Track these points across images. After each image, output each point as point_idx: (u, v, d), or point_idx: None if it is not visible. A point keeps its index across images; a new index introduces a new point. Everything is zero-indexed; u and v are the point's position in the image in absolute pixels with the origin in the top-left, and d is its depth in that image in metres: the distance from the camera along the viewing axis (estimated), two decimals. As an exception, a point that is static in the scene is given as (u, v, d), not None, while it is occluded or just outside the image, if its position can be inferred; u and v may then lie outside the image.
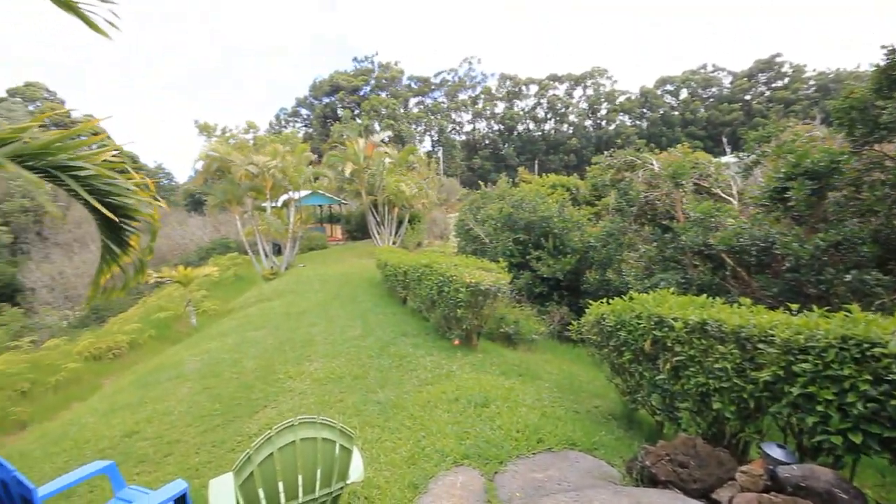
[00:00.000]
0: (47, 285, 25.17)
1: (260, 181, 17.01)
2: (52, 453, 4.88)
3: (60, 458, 4.67)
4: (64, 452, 4.81)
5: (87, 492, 3.78)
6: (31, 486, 2.12)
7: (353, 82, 61.71)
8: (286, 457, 2.23)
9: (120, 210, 2.38)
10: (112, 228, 2.42)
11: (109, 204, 2.31)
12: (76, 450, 4.79)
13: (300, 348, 7.33)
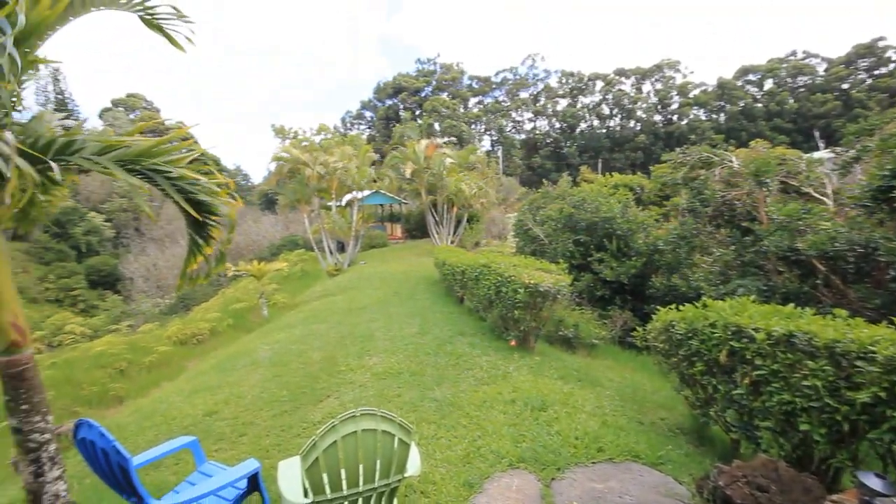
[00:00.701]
0: (143, 275, 28.10)
1: (327, 181, 17.85)
2: (145, 427, 5.42)
3: (151, 432, 5.17)
4: (154, 427, 5.33)
5: (173, 463, 4.17)
6: (127, 455, 2.37)
7: (415, 84, 62.96)
8: (348, 446, 2.32)
9: (203, 207, 2.60)
10: (197, 224, 2.64)
11: (194, 202, 2.53)
12: (164, 425, 5.29)
13: (361, 343, 7.59)
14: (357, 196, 20.04)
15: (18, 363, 1.91)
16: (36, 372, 1.98)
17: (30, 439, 1.97)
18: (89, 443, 2.46)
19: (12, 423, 1.98)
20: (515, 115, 66.46)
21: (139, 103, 46.59)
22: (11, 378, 1.91)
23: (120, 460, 2.32)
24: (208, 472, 3.11)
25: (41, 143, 1.95)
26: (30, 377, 1.94)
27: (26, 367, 1.93)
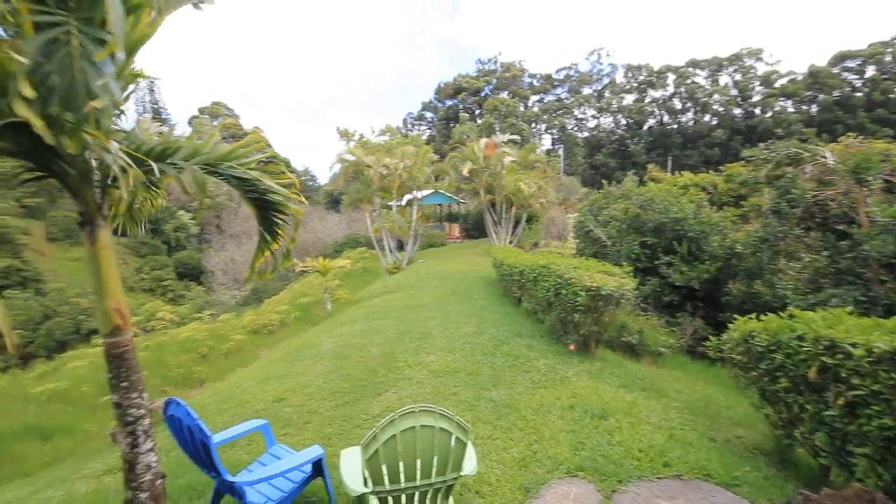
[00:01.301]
0: (222, 269, 30.50)
1: (388, 182, 18.36)
2: (222, 408, 5.88)
3: (228, 413, 5.60)
4: (230, 409, 5.76)
5: (245, 443, 4.49)
6: (209, 433, 2.58)
7: (475, 84, 63.00)
8: (407, 440, 2.37)
9: (272, 206, 2.77)
10: (266, 221, 2.83)
11: (264, 201, 2.70)
12: (239, 408, 5.71)
13: (418, 340, 7.73)
14: (417, 196, 20.43)
15: (120, 345, 2.15)
16: (134, 353, 2.22)
17: (128, 414, 2.21)
18: (177, 420, 2.71)
19: (114, 398, 2.23)
20: (578, 112, 64.43)
21: (221, 110, 50.74)
22: (114, 358, 2.16)
23: (202, 437, 2.54)
24: (277, 455, 3.31)
25: (143, 148, 2.19)
26: (129, 358, 2.18)
27: (127, 349, 2.17)
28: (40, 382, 8.78)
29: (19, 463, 6.42)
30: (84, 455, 5.83)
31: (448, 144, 35.80)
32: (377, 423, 4.46)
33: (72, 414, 7.66)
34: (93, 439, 6.75)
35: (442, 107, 64.76)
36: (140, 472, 2.24)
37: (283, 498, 2.88)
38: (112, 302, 2.12)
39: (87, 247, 2.09)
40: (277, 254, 2.98)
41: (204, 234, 38.18)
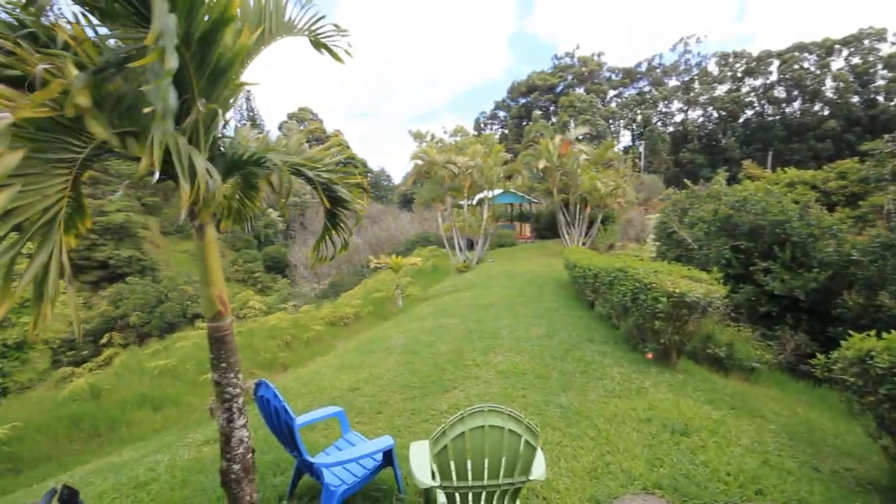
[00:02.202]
0: (304, 263, 32.68)
1: (459, 181, 18.53)
2: (302, 393, 6.30)
3: (307, 398, 6.00)
4: (310, 394, 6.16)
5: (323, 427, 4.77)
6: (293, 415, 2.79)
7: (550, 80, 61.44)
8: (475, 439, 2.38)
9: (338, 201, 2.94)
10: (332, 214, 3.01)
11: (336, 198, 2.88)
12: (317, 394, 6.09)
13: (487, 339, 7.72)
14: (488, 195, 20.39)
15: (221, 329, 2.40)
16: (233, 337, 2.46)
17: (225, 391, 2.46)
18: (265, 400, 2.96)
19: (214, 376, 2.48)
20: (662, 105, 60.34)
21: (307, 115, 54.48)
22: (216, 341, 2.40)
23: (287, 419, 2.75)
24: (352, 441, 3.49)
25: (245, 155, 2.42)
26: (228, 341, 2.42)
27: (226, 333, 2.41)
28: (153, 359, 10.01)
29: (135, 428, 7.39)
30: (187, 425, 6.56)
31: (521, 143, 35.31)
32: (445, 419, 4.53)
33: (178, 388, 8.65)
34: (194, 412, 7.58)
35: (515, 105, 63.95)
36: (234, 445, 2.48)
37: (355, 482, 3.03)
38: (215, 290, 2.37)
39: (196, 241, 2.36)
40: (336, 242, 3.18)
41: (289, 231, 41.22)
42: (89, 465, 5.46)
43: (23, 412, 7.68)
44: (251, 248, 36.72)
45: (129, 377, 9.04)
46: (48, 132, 1.74)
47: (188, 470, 4.03)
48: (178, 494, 3.57)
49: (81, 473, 4.91)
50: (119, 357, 12.68)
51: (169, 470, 4.10)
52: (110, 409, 7.60)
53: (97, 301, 23.14)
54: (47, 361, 15.92)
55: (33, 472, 6.24)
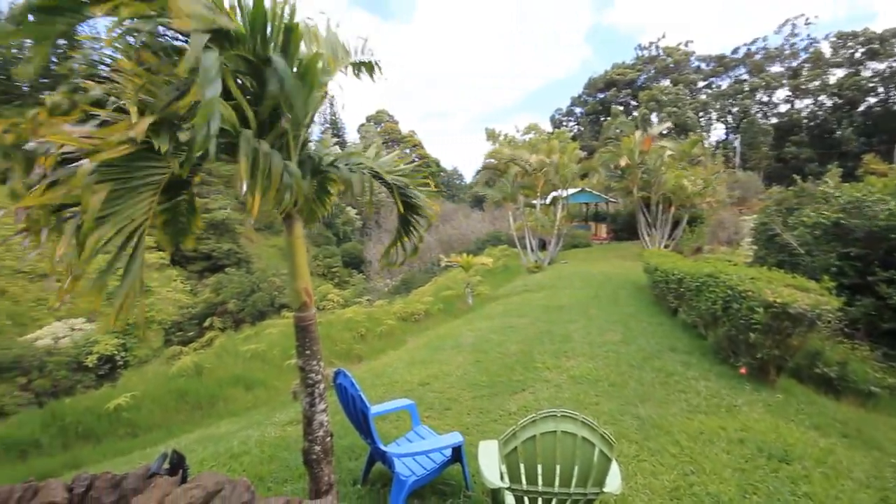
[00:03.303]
0: (378, 260, 34.04)
1: (532, 179, 18.19)
2: (375, 384, 6.57)
3: (380, 390, 6.24)
4: (382, 386, 6.41)
5: (394, 419, 4.94)
6: (368, 405, 2.92)
7: (629, 74, 58.12)
8: (546, 443, 2.33)
9: (412, 207, 3.00)
10: (405, 218, 3.08)
11: (410, 204, 2.95)
12: (389, 386, 6.32)
13: (558, 342, 7.50)
14: (562, 194, 19.79)
15: (306, 319, 2.58)
16: (316, 327, 2.63)
17: (308, 377, 2.64)
18: (343, 388, 3.13)
19: (299, 362, 2.67)
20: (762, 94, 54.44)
21: (384, 117, 56.63)
22: (301, 330, 2.59)
23: (363, 407, 2.88)
24: (421, 434, 3.58)
25: (326, 160, 2.59)
26: (312, 331, 2.60)
27: (311, 323, 2.59)
28: (246, 343, 11.02)
29: (230, 404, 8.18)
30: (274, 406, 7.13)
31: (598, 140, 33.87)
32: (514, 420, 4.48)
33: (266, 371, 9.44)
34: (280, 394, 8.21)
35: (592, 101, 61.35)
36: (315, 428, 2.65)
37: (424, 475, 3.10)
38: (302, 283, 2.55)
39: (286, 237, 2.55)
40: (407, 246, 3.25)
41: (365, 229, 43.18)
42: (192, 434, 6.15)
43: (140, 384, 8.83)
44: (331, 244, 38.96)
45: (226, 358, 10.02)
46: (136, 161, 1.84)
47: (275, 446, 4.38)
48: (266, 468, 3.90)
49: (186, 441, 5.54)
50: (218, 339, 14.13)
51: (258, 445, 4.49)
52: (210, 386, 8.49)
53: (202, 288, 25.93)
54: (160, 340, 18.15)
55: (147, 436, 7.15)
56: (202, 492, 2.23)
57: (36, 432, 6.83)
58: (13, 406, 13.10)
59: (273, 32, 2.06)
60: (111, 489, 2.51)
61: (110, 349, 14.59)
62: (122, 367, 14.74)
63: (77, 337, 15.74)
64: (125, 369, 14.53)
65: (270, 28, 2.04)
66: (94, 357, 14.38)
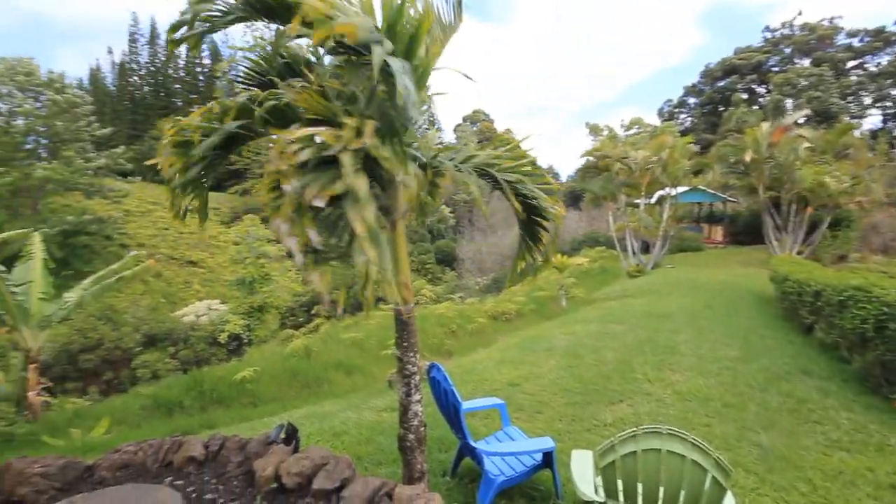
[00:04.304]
0: (470, 258, 34.45)
1: (636, 177, 17.00)
2: (465, 381, 6.65)
3: (469, 387, 6.31)
4: (471, 383, 6.47)
5: (483, 416, 4.96)
6: (460, 400, 2.97)
7: (756, 57, 51.21)
8: (649, 462, 2.16)
9: (534, 210, 2.91)
10: (528, 224, 3.00)
11: (527, 204, 2.87)
12: (478, 383, 6.36)
13: (661, 353, 6.94)
14: (670, 193, 18.18)
15: (405, 313, 2.70)
16: (414, 321, 2.74)
17: (405, 368, 2.76)
18: (436, 381, 3.22)
19: (397, 353, 2.81)
20: (939, 71, 44.42)
21: (480, 116, 57.03)
22: (401, 322, 2.72)
23: (454, 402, 2.94)
24: (511, 435, 3.55)
25: (432, 156, 2.67)
26: (410, 324, 2.71)
27: (410, 316, 2.70)
28: (347, 331, 11.87)
29: (333, 386, 8.88)
30: (370, 392, 7.58)
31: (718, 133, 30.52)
32: (609, 432, 4.25)
33: (364, 358, 10.07)
34: (376, 381, 8.71)
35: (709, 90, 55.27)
36: (410, 417, 2.76)
37: (513, 476, 3.07)
38: (402, 277, 2.68)
39: (388, 232, 2.69)
40: (536, 258, 3.15)
41: (458, 227, 43.93)
42: (301, 410, 6.78)
43: (260, 360, 9.96)
44: (425, 241, 40.33)
45: (330, 344, 10.90)
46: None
47: (371, 430, 4.66)
48: (364, 449, 4.17)
49: (296, 415, 6.13)
50: (323, 326, 15.42)
51: (356, 426, 4.82)
52: (317, 368, 9.30)
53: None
54: (276, 323, 20.34)
55: (265, 407, 8.05)
56: (311, 463, 2.46)
57: (180, 395, 8.07)
58: (164, 371, 15.67)
59: (401, 36, 2.17)
60: (238, 450, 2.87)
61: (238, 328, 16.72)
62: (247, 344, 16.81)
63: (213, 316, 18.31)
64: (249, 346, 16.56)
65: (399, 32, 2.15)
66: (226, 334, 16.61)
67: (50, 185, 21.95)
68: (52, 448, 5.95)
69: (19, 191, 20.96)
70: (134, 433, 6.58)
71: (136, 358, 16.19)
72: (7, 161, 20.85)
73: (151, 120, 38.45)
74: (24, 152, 22.19)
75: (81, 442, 6.24)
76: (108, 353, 16.06)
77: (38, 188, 21.82)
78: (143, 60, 46.28)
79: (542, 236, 2.94)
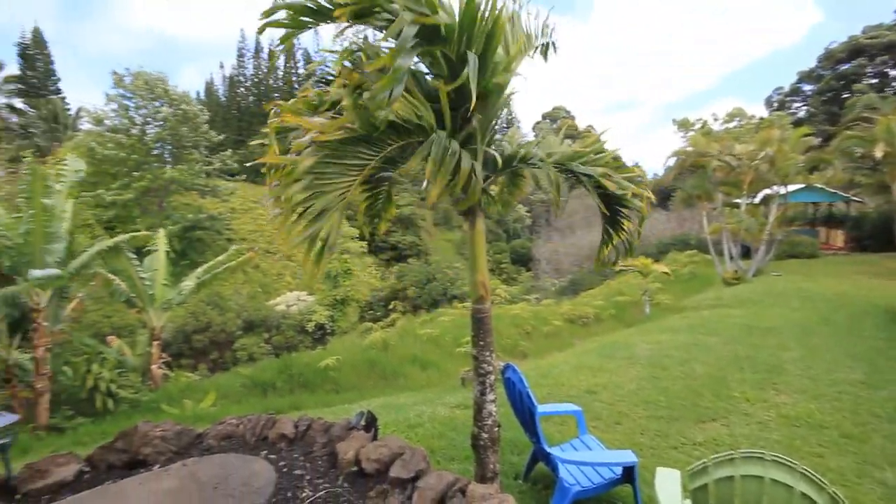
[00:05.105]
0: (546, 259, 33.64)
1: (738, 174, 15.43)
2: (539, 384, 6.49)
3: (543, 390, 6.15)
4: (546, 386, 6.31)
5: (558, 422, 4.81)
6: (536, 403, 2.92)
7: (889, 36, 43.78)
8: (749, 490, 1.95)
9: (615, 200, 2.77)
10: (610, 215, 2.87)
11: (609, 195, 2.74)
12: (553, 387, 6.18)
13: (763, 371, 6.25)
14: (778, 191, 16.23)
15: (482, 311, 2.71)
16: (491, 320, 2.74)
17: (481, 367, 2.77)
18: (511, 382, 3.19)
19: (473, 352, 2.82)
20: None
21: (560, 113, 55.47)
22: (477, 321, 2.73)
23: (530, 404, 2.89)
24: (588, 444, 3.40)
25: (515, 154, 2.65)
26: (487, 323, 2.71)
27: (486, 316, 2.71)
28: (422, 327, 12.16)
29: (408, 380, 9.16)
30: (444, 388, 7.72)
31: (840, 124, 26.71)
32: (700, 452, 3.94)
33: (439, 354, 10.27)
34: (450, 377, 8.84)
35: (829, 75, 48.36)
36: (484, 416, 2.77)
37: (590, 488, 2.94)
38: (480, 276, 2.69)
39: (469, 231, 2.71)
40: (619, 246, 3.05)
41: (535, 227, 43.08)
42: (378, 400, 7.09)
43: (342, 350, 10.56)
44: (500, 240, 40.08)
45: (406, 338, 11.26)
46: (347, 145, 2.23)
47: (444, 425, 4.74)
48: (437, 443, 4.25)
49: (374, 405, 6.42)
50: (400, 321, 15.97)
51: (430, 420, 4.93)
52: (393, 361, 9.67)
53: (388, 275, 29.73)
54: (356, 316, 21.46)
55: (345, 394, 8.54)
56: (388, 451, 2.56)
57: (273, 377, 8.84)
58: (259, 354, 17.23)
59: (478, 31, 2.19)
60: (323, 432, 3.07)
61: (323, 319, 17.92)
62: (330, 334, 17.96)
63: (302, 306, 19.79)
64: (332, 336, 17.67)
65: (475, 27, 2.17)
66: (312, 324, 17.88)
67: (173, 185, 25.21)
68: (169, 415, 6.84)
69: (149, 191, 24.31)
70: (235, 408, 7.33)
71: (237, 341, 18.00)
72: (141, 165, 24.32)
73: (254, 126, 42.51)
74: (154, 157, 25.73)
75: (192, 412, 7.08)
76: (214, 335, 18.05)
77: (163, 188, 25.16)
78: (248, 73, 51.27)
79: (624, 224, 2.82)
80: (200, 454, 3.04)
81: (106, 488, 2.67)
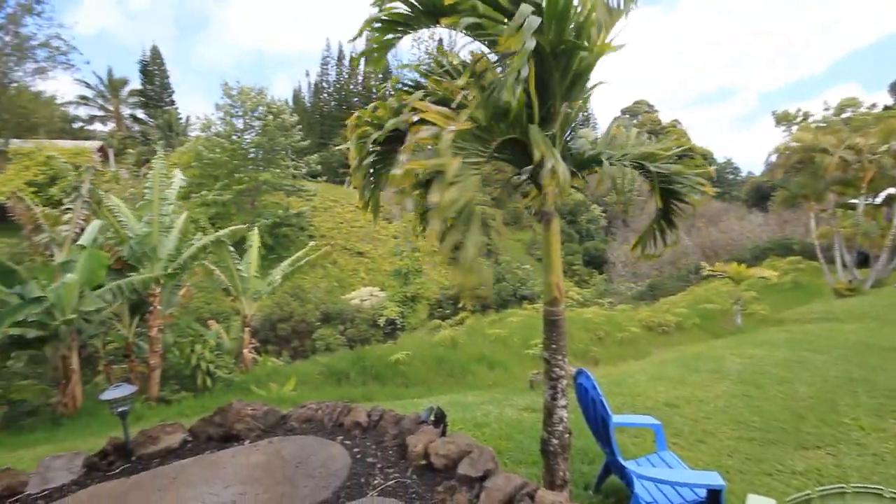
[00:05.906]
0: (623, 262, 31.91)
1: (855, 171, 13.55)
2: (612, 393, 6.18)
3: (617, 400, 5.84)
4: (620, 396, 5.99)
5: (634, 434, 4.55)
6: (610, 412, 2.78)
7: None
8: (863, 529, 1.71)
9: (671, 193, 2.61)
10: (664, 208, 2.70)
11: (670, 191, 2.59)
12: (629, 398, 5.86)
13: (882, 397, 5.44)
14: (906, 191, 14.03)
15: (556, 314, 2.64)
16: (564, 323, 2.66)
17: (553, 370, 2.70)
18: (584, 389, 3.08)
19: (545, 355, 2.76)
20: None
21: (642, 108, 52.36)
22: (549, 323, 2.66)
23: (604, 413, 2.77)
24: (668, 461, 3.18)
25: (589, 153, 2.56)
26: (560, 325, 2.64)
27: (559, 318, 2.63)
28: (491, 327, 12.11)
29: (476, 378, 9.19)
30: (512, 389, 7.63)
31: None
32: (799, 481, 3.56)
33: (507, 355, 10.18)
34: (517, 379, 8.73)
35: (984, 50, 40.62)
36: (555, 421, 2.70)
37: (669, 508, 2.75)
38: (554, 277, 2.62)
39: (543, 232, 2.65)
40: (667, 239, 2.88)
41: (610, 228, 41.02)
42: (445, 397, 7.19)
43: (412, 346, 10.84)
44: (572, 241, 38.71)
45: (474, 337, 11.30)
46: (466, 142, 2.19)
47: (512, 427, 4.69)
48: (504, 444, 4.22)
49: (442, 401, 6.52)
50: (468, 320, 16.05)
51: (497, 421, 4.90)
52: (461, 359, 9.75)
53: (458, 274, 30.04)
54: (426, 313, 21.89)
55: (414, 389, 8.76)
56: (456, 448, 2.59)
57: (347, 367, 9.31)
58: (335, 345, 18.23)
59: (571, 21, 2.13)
60: (394, 424, 3.18)
61: (394, 314, 18.53)
62: (400, 329, 18.51)
63: (374, 301, 20.62)
64: (402, 331, 18.20)
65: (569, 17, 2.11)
66: (384, 319, 18.56)
67: (265, 186, 27.64)
68: (257, 396, 7.48)
69: (243, 191, 26.82)
70: (313, 394, 7.83)
71: (316, 331, 19.19)
72: (239, 168, 26.97)
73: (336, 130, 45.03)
74: (249, 160, 28.36)
75: (276, 395, 7.67)
76: (296, 325, 19.39)
77: (255, 189, 27.63)
78: (331, 79, 54.43)
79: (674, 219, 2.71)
80: (285, 434, 3.29)
81: (205, 457, 2.99)
